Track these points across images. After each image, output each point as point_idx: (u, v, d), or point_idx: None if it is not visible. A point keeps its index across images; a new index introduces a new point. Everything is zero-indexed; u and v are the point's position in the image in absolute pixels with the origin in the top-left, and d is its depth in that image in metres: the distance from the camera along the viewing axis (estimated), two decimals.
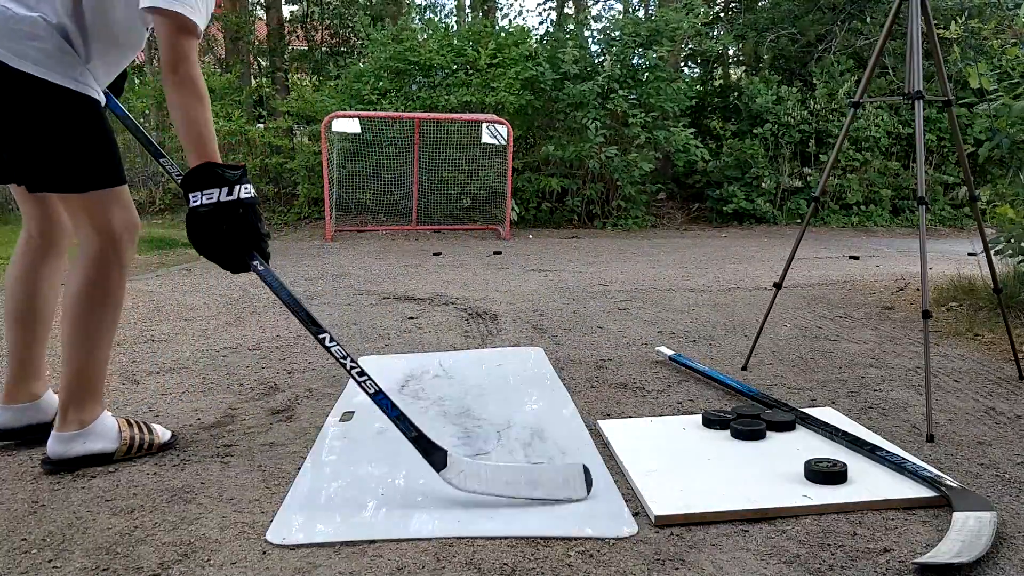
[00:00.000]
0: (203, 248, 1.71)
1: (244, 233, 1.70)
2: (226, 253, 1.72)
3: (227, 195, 1.67)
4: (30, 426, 1.94)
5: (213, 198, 1.66)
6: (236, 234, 1.69)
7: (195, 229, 1.69)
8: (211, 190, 1.66)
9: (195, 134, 1.69)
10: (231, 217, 1.68)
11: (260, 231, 1.74)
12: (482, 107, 8.37)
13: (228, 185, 1.67)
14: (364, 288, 4.52)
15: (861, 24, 9.99)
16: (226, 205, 1.67)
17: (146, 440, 1.89)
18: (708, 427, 2.02)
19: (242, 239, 1.71)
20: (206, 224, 1.67)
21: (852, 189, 9.34)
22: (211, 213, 1.67)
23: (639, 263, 5.82)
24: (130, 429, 1.88)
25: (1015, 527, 1.51)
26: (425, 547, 1.44)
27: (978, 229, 2.58)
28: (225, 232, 1.68)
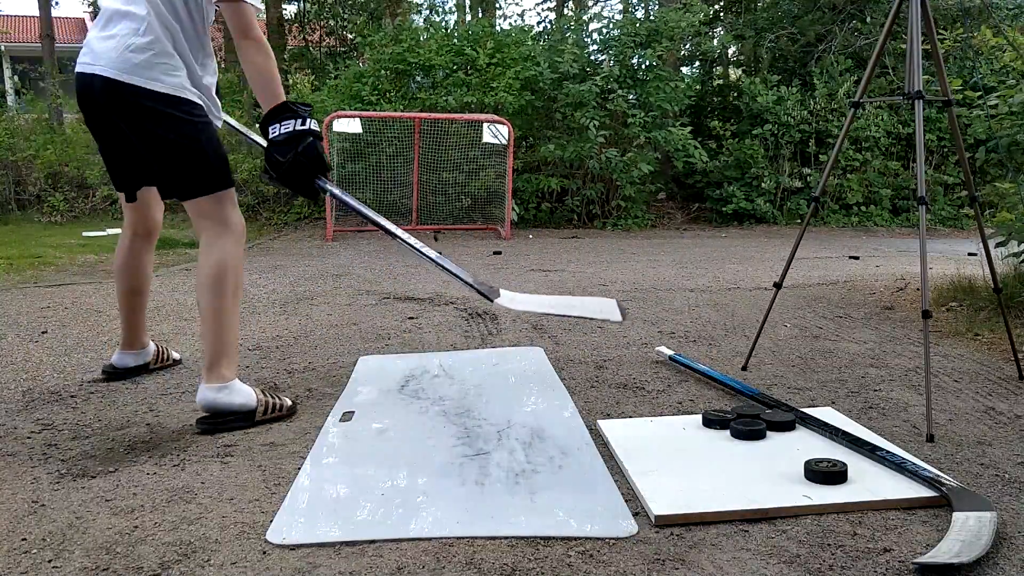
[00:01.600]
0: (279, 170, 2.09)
1: (312, 157, 2.10)
2: (297, 173, 2.10)
3: (301, 124, 2.07)
4: (142, 365, 2.60)
5: (290, 127, 2.06)
6: (305, 156, 2.08)
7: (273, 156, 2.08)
8: (288, 121, 2.06)
9: (266, 83, 2.08)
10: (303, 142, 2.07)
11: (324, 158, 2.13)
12: (482, 107, 8.37)
13: (301, 118, 2.07)
14: (364, 288, 4.52)
15: (861, 24, 10.00)
16: (299, 133, 2.07)
17: (278, 404, 2.18)
18: (708, 427, 2.02)
19: (310, 161, 2.10)
20: (283, 149, 2.06)
21: (852, 189, 9.34)
22: (287, 140, 2.06)
23: (639, 263, 5.82)
24: (264, 395, 2.18)
25: (1015, 527, 1.51)
26: (425, 547, 1.44)
27: (978, 229, 2.58)
28: (298, 153, 2.06)
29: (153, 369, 2.64)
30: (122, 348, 2.58)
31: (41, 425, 2.12)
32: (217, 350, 2.10)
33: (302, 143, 2.08)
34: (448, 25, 10.50)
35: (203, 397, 2.09)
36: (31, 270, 5.23)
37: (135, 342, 2.57)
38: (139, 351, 2.58)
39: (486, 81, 8.64)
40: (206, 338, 2.12)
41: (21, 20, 21.49)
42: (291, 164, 2.08)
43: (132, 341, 2.56)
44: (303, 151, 2.08)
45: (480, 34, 9.17)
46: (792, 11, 10.64)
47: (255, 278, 4.89)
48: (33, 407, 2.28)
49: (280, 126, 2.06)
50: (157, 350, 2.67)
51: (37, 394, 2.41)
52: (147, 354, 2.62)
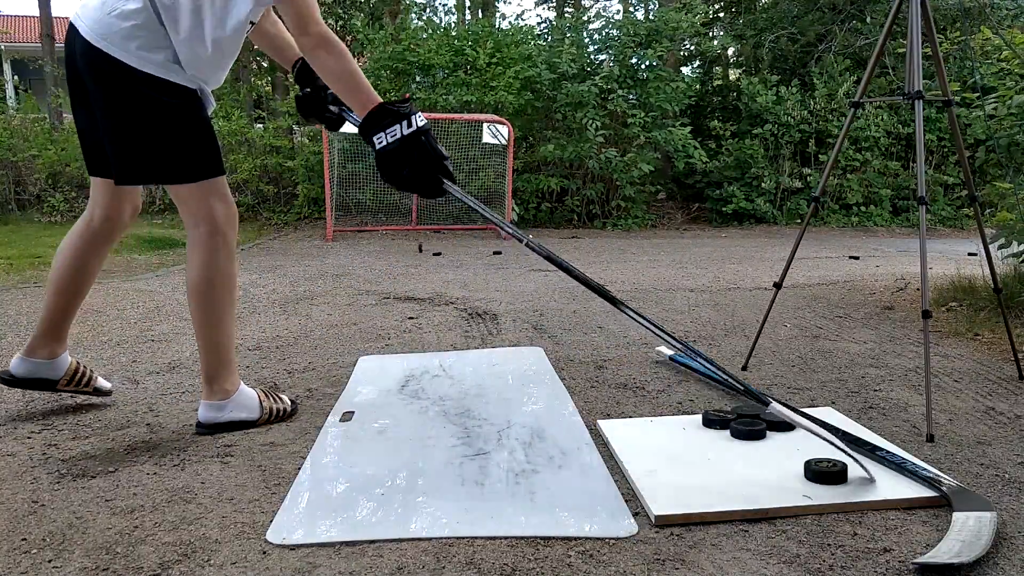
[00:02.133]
0: (400, 182, 1.89)
1: (431, 157, 1.87)
2: (421, 180, 1.88)
3: (408, 127, 1.84)
4: (40, 379, 2.14)
5: (397, 134, 1.84)
6: (425, 160, 1.86)
7: (388, 167, 1.87)
8: (392, 127, 1.84)
9: (352, 84, 1.87)
10: (417, 145, 1.85)
11: (441, 153, 1.90)
12: (481, 107, 8.37)
13: (406, 118, 1.84)
14: (364, 288, 4.52)
15: (861, 24, 10.00)
16: (410, 137, 1.84)
17: (280, 408, 2.13)
18: (708, 427, 2.02)
19: (430, 163, 1.87)
20: (398, 159, 1.85)
21: (852, 189, 9.34)
22: (399, 148, 1.84)
23: (639, 263, 5.82)
24: (269, 400, 2.11)
25: (1015, 527, 1.51)
26: (425, 547, 1.44)
27: (978, 229, 2.58)
28: (416, 160, 1.85)
29: (60, 391, 2.18)
30: (23, 352, 2.12)
31: (41, 425, 2.12)
32: (212, 363, 2.01)
33: (417, 147, 1.85)
34: (448, 25, 10.50)
35: (205, 416, 2.02)
36: (31, 270, 5.23)
37: (40, 348, 2.11)
38: (41, 360, 2.12)
39: (486, 81, 8.64)
40: (201, 349, 2.02)
41: (21, 20, 21.49)
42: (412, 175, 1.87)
43: (37, 346, 2.11)
44: (420, 156, 1.86)
45: (480, 34, 9.17)
46: (792, 11, 10.64)
47: (255, 278, 4.89)
48: (33, 407, 2.28)
49: (386, 134, 1.84)
50: (76, 371, 2.18)
51: (37, 394, 2.41)
52: (53, 367, 2.14)
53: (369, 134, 1.86)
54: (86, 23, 1.84)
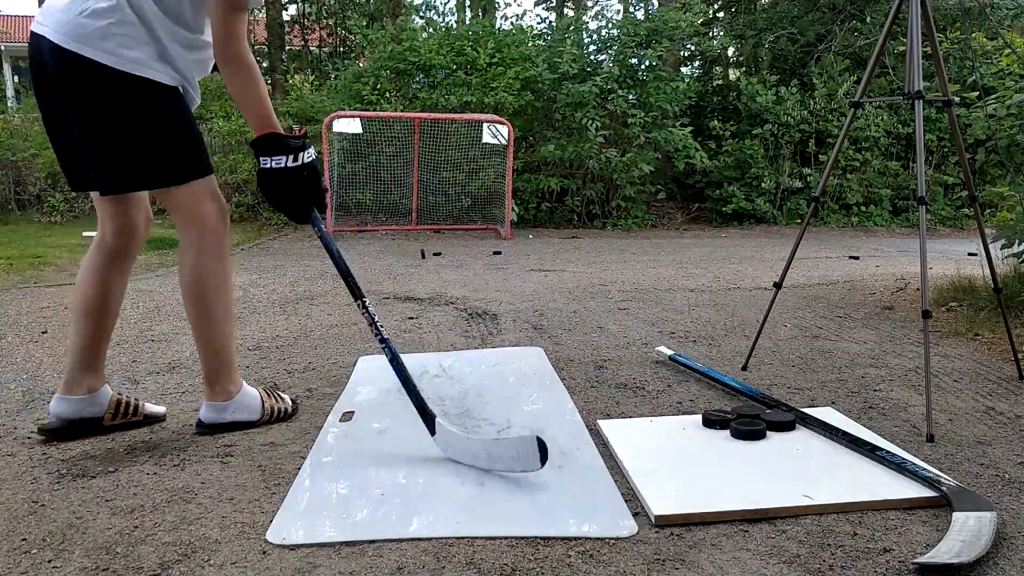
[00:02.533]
0: (273, 202, 1.96)
1: (308, 191, 1.94)
2: (293, 207, 1.95)
3: (293, 161, 1.90)
4: (83, 419, 1.99)
5: (281, 163, 1.89)
6: (301, 192, 1.93)
7: (266, 186, 1.92)
8: (279, 156, 1.88)
9: (253, 109, 1.88)
10: (298, 179, 1.91)
11: (320, 189, 1.97)
12: (482, 107, 8.37)
13: (293, 152, 1.90)
14: (364, 288, 4.52)
15: (861, 24, 10.00)
16: (293, 170, 1.90)
17: (281, 408, 2.13)
18: (708, 427, 2.02)
19: (306, 196, 1.94)
20: (276, 184, 1.91)
21: (852, 189, 9.34)
22: (280, 176, 1.89)
23: (639, 263, 5.82)
24: (270, 400, 2.12)
25: (1015, 527, 1.51)
26: (425, 547, 1.44)
27: (978, 229, 2.58)
28: (293, 190, 1.92)
29: (109, 427, 2.02)
30: (60, 391, 1.99)
31: (41, 425, 2.11)
32: (213, 365, 1.99)
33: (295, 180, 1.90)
34: (448, 25, 10.50)
35: (207, 417, 2.02)
36: (31, 270, 5.24)
37: (77, 385, 1.98)
38: (81, 397, 1.98)
39: (486, 81, 8.64)
40: (200, 351, 1.99)
41: (21, 20, 21.50)
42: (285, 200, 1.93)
43: (73, 382, 1.98)
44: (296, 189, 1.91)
45: (480, 34, 9.17)
46: (792, 11, 10.64)
47: (255, 278, 4.89)
48: (33, 407, 2.28)
49: (272, 160, 1.88)
50: (119, 402, 2.04)
51: (37, 394, 2.41)
52: (94, 403, 1.99)
53: (257, 154, 1.91)
54: (52, 27, 1.76)
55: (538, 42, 9.56)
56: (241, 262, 5.76)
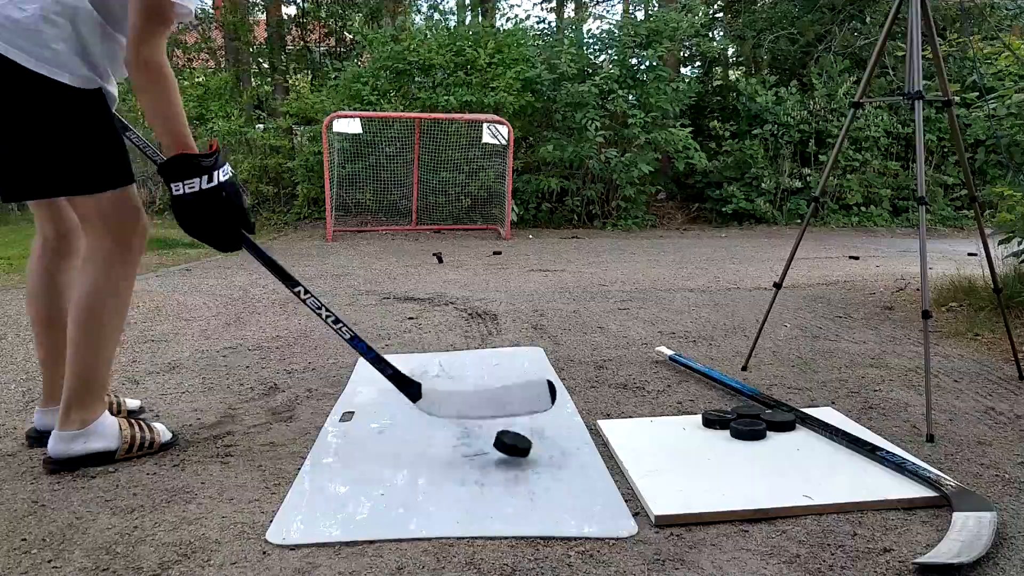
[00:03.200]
0: (194, 232, 1.77)
1: (230, 214, 1.76)
2: (218, 235, 1.78)
3: (207, 183, 1.72)
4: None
5: (195, 187, 1.71)
6: (222, 217, 1.75)
7: (182, 215, 1.74)
8: (191, 180, 1.70)
9: (162, 122, 1.69)
10: (216, 202, 1.73)
11: (243, 208, 1.79)
12: (482, 107, 8.38)
13: (207, 173, 1.72)
14: (364, 288, 4.53)
15: (861, 24, 10.00)
16: (208, 192, 1.72)
17: (147, 439, 1.88)
18: (708, 427, 2.02)
19: (229, 219, 1.76)
20: (193, 211, 1.73)
21: (852, 189, 9.34)
22: (196, 201, 1.72)
23: (639, 263, 5.82)
24: (131, 428, 1.87)
25: (1015, 527, 1.51)
26: (425, 547, 1.44)
27: (978, 229, 2.58)
28: (213, 214, 1.74)
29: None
30: (41, 403, 1.96)
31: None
32: (77, 391, 1.77)
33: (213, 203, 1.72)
34: (448, 25, 10.51)
35: (55, 449, 1.77)
36: None
37: (56, 394, 1.88)
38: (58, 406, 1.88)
39: (486, 81, 8.64)
40: (68, 370, 1.78)
41: None
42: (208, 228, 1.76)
43: (52, 392, 1.91)
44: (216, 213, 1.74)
45: (481, 33, 9.17)
46: (791, 11, 10.65)
47: (255, 278, 4.89)
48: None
49: (184, 185, 1.70)
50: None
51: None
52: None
53: (167, 179, 1.73)
54: None
55: (537, 42, 9.56)
56: (241, 262, 5.76)
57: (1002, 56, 3.73)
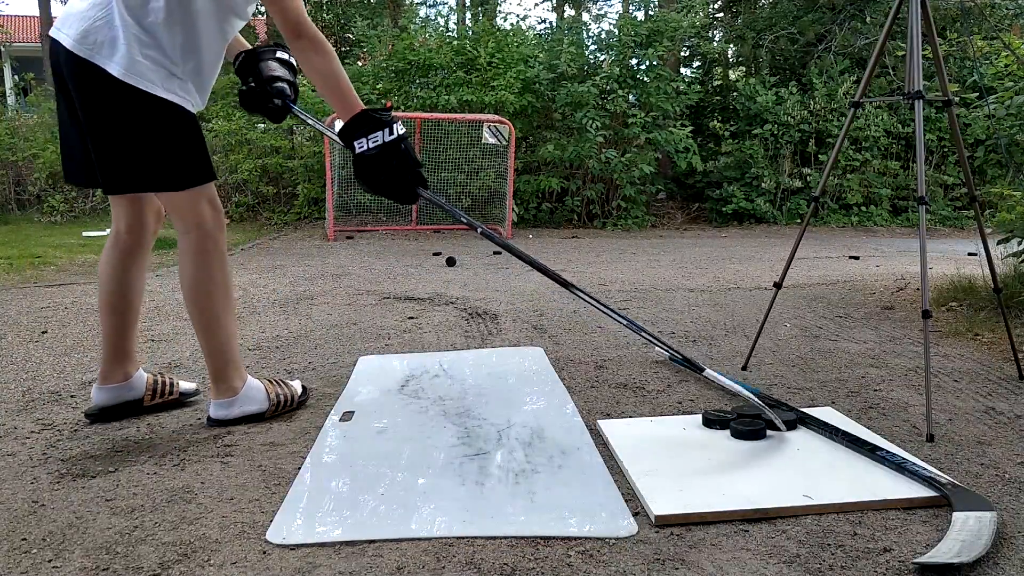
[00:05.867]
0: (377, 186, 1.95)
1: (409, 164, 1.94)
2: (398, 186, 1.95)
3: (390, 135, 1.90)
4: (123, 403, 2.15)
5: (379, 140, 1.89)
6: (403, 166, 1.92)
7: (367, 171, 1.93)
8: (375, 134, 1.89)
9: (335, 87, 1.90)
10: (397, 153, 1.91)
11: (417, 161, 1.97)
12: (482, 107, 8.37)
13: (388, 126, 1.90)
14: (364, 288, 4.52)
15: (861, 24, 10.00)
16: (391, 143, 1.90)
17: (288, 395, 2.18)
18: (708, 427, 2.02)
19: (408, 170, 1.94)
20: (377, 164, 1.91)
21: (852, 189, 9.34)
22: (380, 154, 1.90)
23: (639, 263, 5.82)
24: (274, 387, 2.16)
25: (1015, 527, 1.51)
26: (425, 547, 1.44)
27: (978, 229, 2.58)
28: (395, 167, 1.91)
29: (150, 407, 2.19)
30: (100, 381, 2.14)
31: (41, 425, 2.12)
32: (217, 363, 2.05)
33: (397, 154, 1.92)
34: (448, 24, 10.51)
35: (216, 414, 2.08)
36: (31, 270, 5.23)
37: (112, 373, 2.13)
38: (117, 384, 2.14)
39: (487, 80, 8.64)
40: (204, 351, 2.06)
41: (21, 20, 21.49)
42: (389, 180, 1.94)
43: (109, 372, 2.13)
44: (399, 163, 1.92)
45: (481, 33, 9.17)
46: (791, 11, 10.65)
47: (255, 278, 4.89)
48: (33, 407, 2.28)
49: (367, 140, 1.89)
50: (155, 383, 2.22)
51: (37, 394, 2.41)
52: (132, 388, 2.16)
53: (351, 138, 1.91)
54: (69, 34, 1.84)
55: (537, 42, 9.56)
56: (241, 262, 5.76)
57: (1002, 56, 3.73)
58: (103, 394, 2.12)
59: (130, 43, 1.82)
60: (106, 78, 1.82)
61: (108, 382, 2.13)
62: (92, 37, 1.82)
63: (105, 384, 2.13)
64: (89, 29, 1.82)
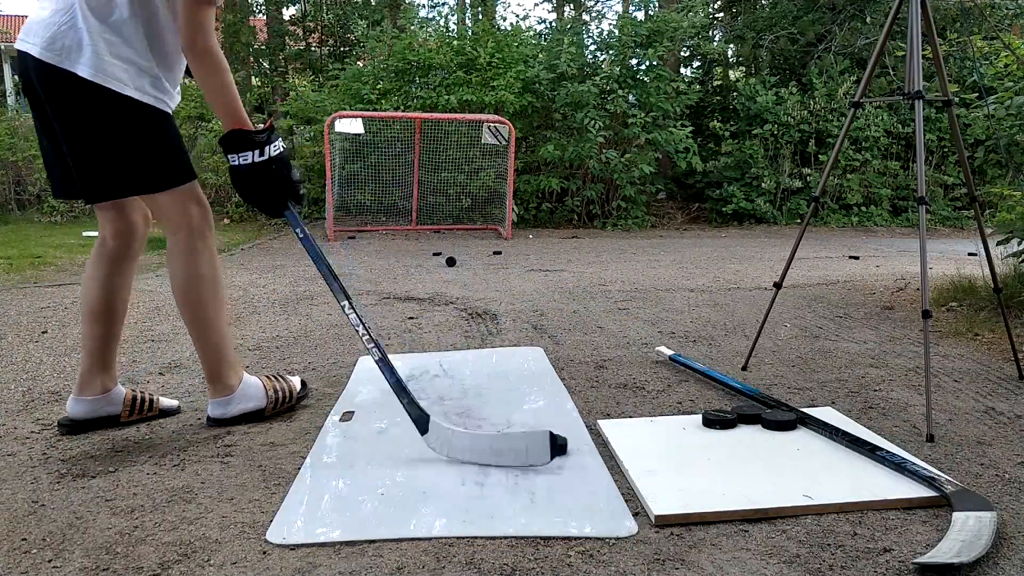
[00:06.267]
0: (246, 198, 1.96)
1: (278, 185, 1.95)
2: (265, 201, 1.97)
3: (259, 156, 1.91)
4: (101, 418, 2.08)
5: (248, 159, 1.90)
6: (271, 187, 1.94)
7: (237, 183, 1.94)
8: (245, 152, 1.89)
9: (220, 103, 1.90)
10: (265, 174, 1.92)
11: (292, 180, 1.97)
12: (482, 107, 8.37)
13: (259, 147, 1.91)
14: (364, 288, 4.52)
15: (861, 24, 10.00)
16: (260, 164, 1.91)
17: (286, 391, 2.18)
18: (708, 427, 2.02)
19: (277, 190, 1.95)
20: (245, 180, 1.92)
21: (852, 189, 9.34)
22: (249, 172, 1.91)
23: (639, 263, 5.82)
24: (273, 383, 2.16)
25: (1015, 527, 1.51)
26: (425, 547, 1.44)
27: (978, 229, 2.58)
28: (263, 184, 1.93)
29: (126, 423, 2.09)
30: (75, 391, 2.06)
31: (41, 425, 2.12)
32: (212, 362, 2.05)
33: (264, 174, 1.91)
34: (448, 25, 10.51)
35: (214, 413, 2.08)
36: (31, 270, 5.23)
37: (91, 384, 2.04)
38: (95, 397, 2.05)
39: (487, 80, 8.64)
40: (198, 351, 2.06)
41: (21, 20, 21.50)
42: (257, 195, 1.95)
43: (87, 383, 2.04)
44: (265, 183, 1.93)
45: (481, 33, 9.17)
46: (791, 11, 10.65)
47: (255, 278, 4.89)
48: (33, 407, 2.28)
49: (239, 156, 1.89)
50: (135, 399, 2.12)
51: (37, 394, 2.41)
52: (110, 402, 2.07)
53: (225, 151, 1.93)
54: (35, 43, 1.83)
55: (538, 42, 9.56)
56: (241, 262, 5.76)
57: (1002, 56, 3.73)
58: (79, 406, 2.04)
59: (97, 44, 1.80)
60: (76, 82, 1.80)
61: (85, 393, 2.04)
62: (59, 42, 1.80)
63: (82, 395, 2.04)
64: (55, 35, 1.81)
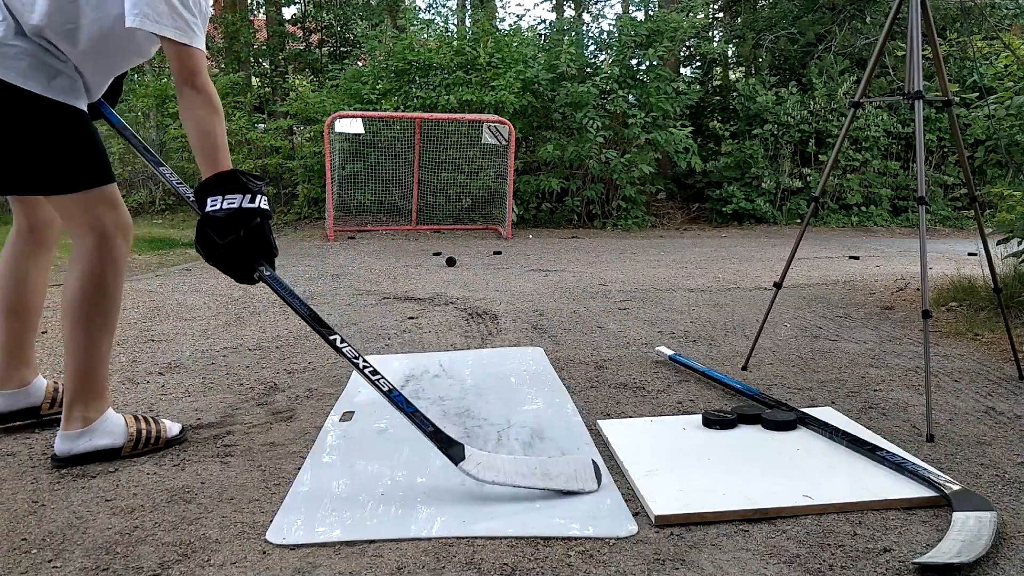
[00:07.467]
0: (213, 254, 1.71)
1: (258, 241, 1.72)
2: (236, 260, 1.72)
3: (249, 202, 1.71)
4: (22, 410, 2.04)
5: (235, 203, 1.69)
6: (250, 241, 1.71)
7: (211, 231, 1.69)
8: (234, 195, 1.69)
9: (210, 145, 1.74)
10: (249, 223, 1.70)
11: (272, 243, 1.78)
12: (482, 107, 8.37)
13: (252, 193, 1.72)
14: (364, 288, 4.52)
15: (861, 24, 10.00)
16: (247, 211, 1.70)
17: (153, 433, 1.91)
18: (708, 427, 2.02)
19: (255, 247, 1.72)
20: (222, 227, 1.68)
21: (852, 189, 9.34)
22: (230, 217, 1.68)
23: (639, 263, 5.82)
24: (136, 423, 1.90)
25: (1015, 527, 1.51)
26: (425, 547, 1.44)
27: (978, 229, 2.58)
28: (241, 237, 1.69)
29: (46, 418, 2.06)
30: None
31: (41, 425, 2.12)
32: (78, 389, 1.81)
33: (248, 224, 1.70)
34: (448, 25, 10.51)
35: (60, 447, 1.81)
36: None
37: (8, 379, 2.00)
38: (13, 391, 2.01)
39: (486, 80, 8.64)
40: (67, 370, 1.82)
41: None
42: (230, 248, 1.69)
43: (4, 377, 1.99)
44: (247, 235, 1.70)
45: (481, 33, 9.17)
46: (792, 11, 10.65)
47: None
48: None
49: (223, 199, 1.68)
50: (56, 390, 2.07)
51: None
52: (29, 395, 2.03)
53: (204, 194, 1.71)
54: None
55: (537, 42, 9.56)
56: None
57: (1002, 56, 3.73)
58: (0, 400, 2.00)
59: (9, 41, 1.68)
60: None
61: (4, 388, 2.00)
62: None
63: (2, 390, 2.00)
64: None
